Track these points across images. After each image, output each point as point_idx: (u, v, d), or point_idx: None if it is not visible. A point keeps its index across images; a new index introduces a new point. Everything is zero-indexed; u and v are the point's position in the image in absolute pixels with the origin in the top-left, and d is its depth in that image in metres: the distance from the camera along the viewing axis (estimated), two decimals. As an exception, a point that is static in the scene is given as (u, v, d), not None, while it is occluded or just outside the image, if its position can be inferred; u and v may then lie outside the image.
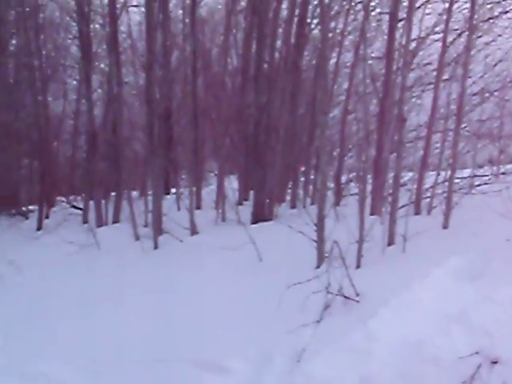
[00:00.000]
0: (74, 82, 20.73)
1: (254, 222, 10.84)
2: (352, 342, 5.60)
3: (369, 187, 9.80)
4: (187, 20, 15.59)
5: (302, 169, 13.87)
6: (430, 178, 11.41)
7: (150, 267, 9.76)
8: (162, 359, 6.80)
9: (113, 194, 14.64)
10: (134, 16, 15.67)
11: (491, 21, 13.36)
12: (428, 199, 10.66)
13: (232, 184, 12.93)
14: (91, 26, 15.55)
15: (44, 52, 17.72)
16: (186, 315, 7.63)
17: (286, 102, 12.07)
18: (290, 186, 13.72)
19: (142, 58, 13.95)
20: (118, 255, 10.77)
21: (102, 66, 17.57)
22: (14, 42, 20.80)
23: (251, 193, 12.53)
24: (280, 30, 13.23)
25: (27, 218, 17.56)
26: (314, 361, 5.55)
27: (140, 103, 15.58)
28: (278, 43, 13.26)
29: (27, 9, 17.38)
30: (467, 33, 9.61)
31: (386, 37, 11.44)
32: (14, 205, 18.40)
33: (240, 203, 12.82)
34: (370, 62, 10.93)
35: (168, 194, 15.06)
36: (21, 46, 19.00)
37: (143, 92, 12.89)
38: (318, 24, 14.00)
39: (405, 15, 10.13)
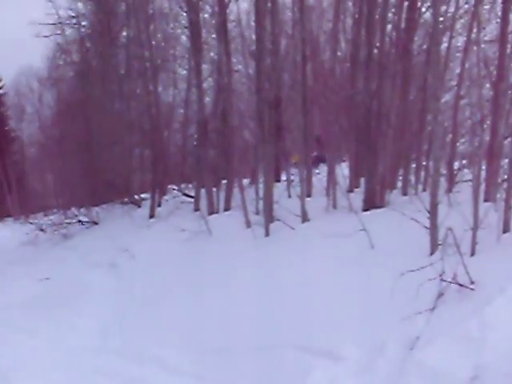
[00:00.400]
0: (184, 72, 21.06)
1: (366, 209, 10.71)
2: (467, 331, 5.48)
3: (483, 173, 9.54)
4: (295, 7, 15.55)
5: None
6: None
7: (261, 254, 9.80)
8: (272, 346, 6.85)
9: (224, 181, 14.78)
10: (242, 4, 15.72)
11: None
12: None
13: (343, 171, 12.82)
14: (200, 15, 15.71)
15: (154, 42, 18.06)
16: (297, 302, 7.64)
17: (396, 87, 11.88)
18: (401, 172, 13.51)
19: (251, 46, 14.02)
20: (229, 242, 10.87)
21: (212, 54, 17.72)
22: (124, 33, 21.31)
23: (362, 180, 12.40)
24: (390, 15, 13.03)
25: (139, 207, 17.98)
26: (427, 349, 5.47)
27: (249, 92, 15.65)
28: (388, 28, 13.05)
29: (137, 0, 17.74)
30: None
31: (499, 19, 11.10)
32: (126, 193, 18.86)
33: (351, 190, 12.70)
34: (482, 45, 10.62)
35: (278, 181, 15.08)
36: (131, 37, 19.43)
37: (253, 80, 12.96)
38: (428, 8, 13.70)
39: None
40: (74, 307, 11.06)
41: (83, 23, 24.62)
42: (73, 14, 24.78)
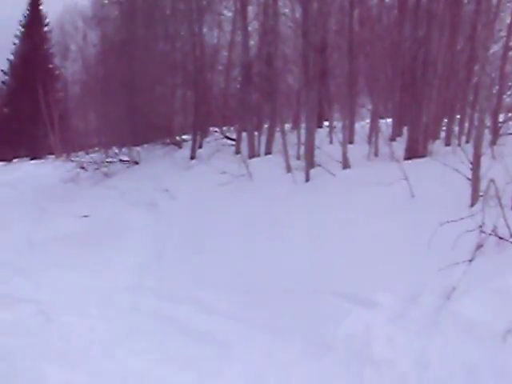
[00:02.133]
0: (230, 14, 20.89)
1: (408, 157, 10.63)
2: (504, 284, 5.46)
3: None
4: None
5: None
6: None
7: (301, 200, 9.81)
8: (313, 291, 6.89)
9: (265, 126, 14.75)
10: None
11: None
12: None
13: (385, 119, 12.73)
14: (248, -44, 15.52)
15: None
16: (336, 248, 7.66)
17: (444, 36, 11.67)
18: (444, 122, 13.37)
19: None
20: (270, 186, 10.89)
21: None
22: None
23: (405, 128, 12.31)
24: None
25: (181, 148, 18.05)
26: (463, 300, 5.45)
27: (295, 36, 15.50)
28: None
29: None
30: None
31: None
32: (168, 134, 18.94)
33: (393, 139, 12.63)
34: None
35: (321, 127, 15.02)
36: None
37: (299, 24, 12.83)
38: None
39: None
40: (113, 245, 11.19)
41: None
42: (119, -49, 24.68)
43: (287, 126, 14.51)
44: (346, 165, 10.72)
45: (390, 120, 13.46)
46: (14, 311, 7.73)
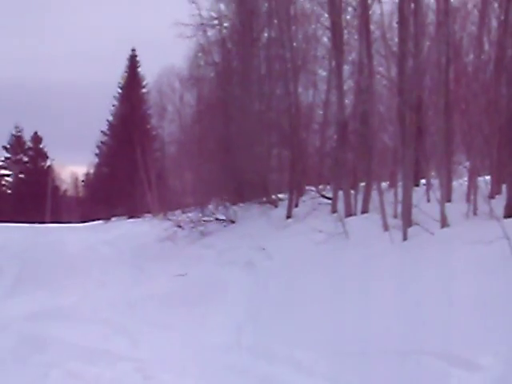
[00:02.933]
0: (324, 73, 21.04)
1: (507, 215, 10.35)
2: None
3: None
4: (440, 9, 15.26)
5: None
6: None
7: (398, 259, 9.65)
8: (407, 351, 6.74)
9: (362, 184, 14.66)
10: (385, 6, 15.55)
11: None
12: None
13: (484, 176, 12.45)
14: (342, 16, 15.66)
15: (295, 43, 18.13)
16: (434, 308, 7.49)
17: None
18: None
19: (394, 48, 13.85)
20: (366, 245, 10.76)
21: (353, 56, 17.61)
22: (265, 34, 21.52)
23: (504, 186, 12.02)
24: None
25: (277, 206, 18.09)
26: None
27: (390, 94, 15.45)
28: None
29: (279, 1, 17.86)
30: None
31: None
32: (264, 193, 19.03)
33: (492, 196, 12.33)
34: None
35: (417, 185, 14.81)
36: (272, 37, 19.60)
37: (394, 82, 12.79)
38: None
39: None
40: (209, 304, 11.21)
41: (225, 24, 25.10)
42: (215, 15, 25.33)
43: (384, 185, 14.37)
44: (444, 223, 10.50)
45: (488, 177, 13.19)
46: (112, 368, 7.80)
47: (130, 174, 44.48)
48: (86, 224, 46.23)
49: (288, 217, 16.12)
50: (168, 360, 8.28)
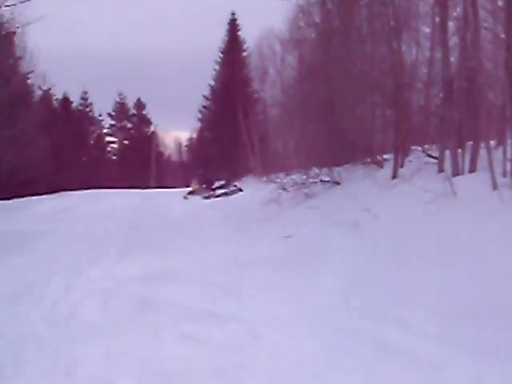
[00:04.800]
0: (428, 30, 20.51)
1: None
2: None
3: None
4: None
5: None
6: None
7: (508, 218, 9.40)
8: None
9: (469, 142, 14.31)
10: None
11: None
12: None
13: None
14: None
15: (396, 0, 17.74)
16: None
17: None
18: None
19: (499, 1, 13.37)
20: (475, 205, 10.51)
21: (458, 11, 17.09)
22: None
23: None
24: None
25: (382, 167, 17.90)
26: None
27: (497, 49, 14.96)
28: None
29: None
30: None
31: None
32: (368, 154, 18.86)
33: None
34: None
35: (528, 141, 14.37)
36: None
37: (502, 37, 12.37)
38: None
39: None
40: (316, 265, 11.25)
41: (325, -16, 24.77)
42: (315, -24, 25.02)
43: (492, 143, 13.98)
44: (558, 181, 10.17)
45: None
46: (223, 329, 7.93)
47: (233, 138, 44.90)
48: (190, 188, 46.99)
49: (393, 177, 15.92)
50: (276, 321, 8.35)
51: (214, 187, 37.40)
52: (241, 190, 35.61)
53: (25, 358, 6.87)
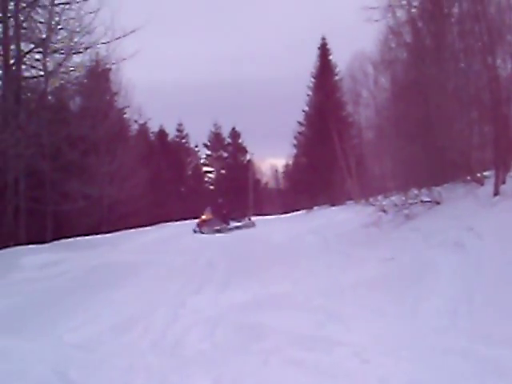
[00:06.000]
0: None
1: None
2: None
3: None
4: None
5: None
6: None
7: None
8: None
9: None
10: None
11: None
12: None
13: None
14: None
15: (489, 15, 17.51)
16: None
17: None
18: None
19: None
20: None
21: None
22: (456, 9, 20.95)
23: None
24: None
25: (482, 185, 17.56)
26: None
27: None
28: None
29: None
30: None
31: None
32: (467, 171, 18.54)
33: None
34: None
35: None
36: (464, 11, 19.04)
37: None
38: None
39: None
40: (420, 287, 11.09)
41: (414, 3, 24.61)
42: (403, -4, 24.90)
43: None
44: None
45: None
46: (330, 354, 7.94)
47: (329, 162, 44.82)
48: (288, 215, 47.15)
49: (495, 194, 15.58)
50: (383, 344, 8.31)
51: (227, 219, 36.10)
52: (254, 225, 35.46)
53: (135, 387, 7.05)
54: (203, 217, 35.48)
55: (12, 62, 29.79)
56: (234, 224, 34.91)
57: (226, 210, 36.16)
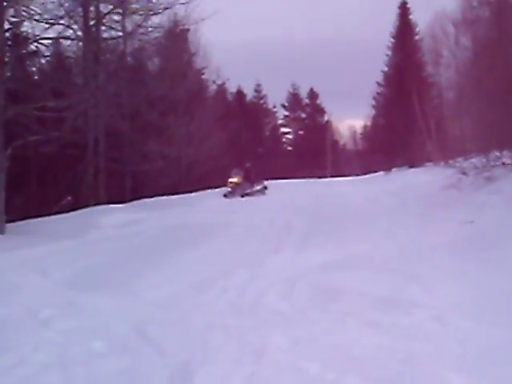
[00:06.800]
0: None
1: None
2: None
3: None
4: None
5: None
6: None
7: None
8: None
9: None
10: None
11: None
12: None
13: None
14: None
15: None
16: None
17: None
18: None
19: None
20: None
21: None
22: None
23: None
24: None
25: None
26: None
27: None
28: None
29: None
30: None
31: None
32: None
33: None
34: None
35: None
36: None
37: None
38: None
39: None
40: (501, 250, 10.91)
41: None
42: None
43: None
44: None
45: None
46: (408, 316, 7.88)
47: (408, 124, 44.12)
48: (366, 176, 46.85)
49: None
50: (463, 307, 8.19)
51: (254, 183, 34.43)
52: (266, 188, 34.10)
53: (213, 346, 7.12)
54: (234, 180, 33.96)
55: (92, 23, 30.20)
56: (257, 187, 33.88)
57: (253, 175, 34.86)
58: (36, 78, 31.52)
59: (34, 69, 31.55)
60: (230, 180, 33.88)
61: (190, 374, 6.22)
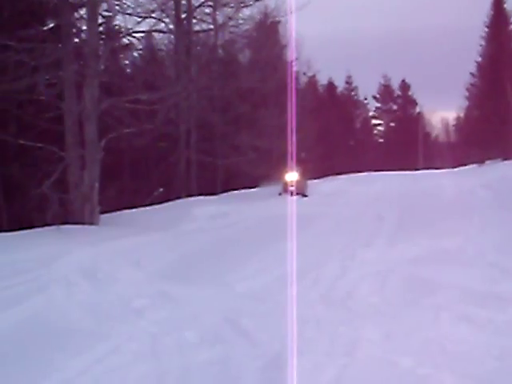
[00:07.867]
0: None
1: None
2: None
3: None
4: None
5: None
6: None
7: None
8: None
9: None
10: None
11: None
12: None
13: None
14: None
15: None
16: None
17: None
18: None
19: None
20: None
21: None
22: None
23: None
24: None
25: None
26: None
27: None
28: None
29: None
30: None
31: None
32: None
33: None
34: None
35: None
36: None
37: None
38: None
39: None
40: None
41: None
42: None
43: None
44: None
45: None
46: (504, 312, 7.68)
47: (503, 115, 43.18)
48: (459, 168, 46.04)
49: None
50: None
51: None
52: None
53: (305, 338, 7.08)
54: (291, 179, 28.25)
55: (183, 16, 30.53)
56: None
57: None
58: (129, 71, 32.03)
59: (127, 62, 32.04)
60: (288, 177, 28.58)
61: (281, 365, 6.21)
